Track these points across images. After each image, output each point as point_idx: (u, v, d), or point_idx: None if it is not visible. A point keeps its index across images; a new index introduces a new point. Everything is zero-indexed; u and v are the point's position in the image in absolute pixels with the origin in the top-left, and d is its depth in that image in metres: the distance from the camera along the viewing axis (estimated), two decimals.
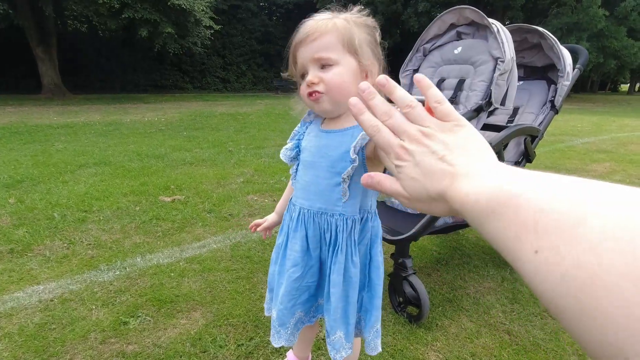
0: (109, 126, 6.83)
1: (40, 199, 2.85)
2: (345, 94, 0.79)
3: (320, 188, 0.87)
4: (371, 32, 0.81)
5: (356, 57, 0.78)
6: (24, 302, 1.61)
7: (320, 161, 0.86)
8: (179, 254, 2.08)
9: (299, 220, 0.90)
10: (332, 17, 0.80)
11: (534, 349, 1.41)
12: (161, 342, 1.39)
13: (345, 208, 0.86)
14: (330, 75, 0.78)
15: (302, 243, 0.89)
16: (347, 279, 0.88)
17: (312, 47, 0.78)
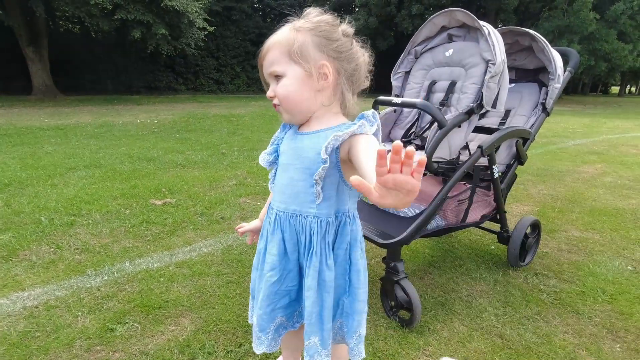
0: (100, 128, 6.76)
1: (27, 203, 2.79)
2: (295, 102, 0.82)
3: (295, 190, 0.86)
4: (320, 31, 0.79)
5: (299, 64, 0.78)
6: (7, 310, 1.57)
7: (295, 163, 0.86)
8: (168, 259, 2.05)
9: (276, 223, 0.90)
10: (282, 31, 0.81)
11: (526, 353, 1.40)
12: (148, 350, 1.36)
13: (320, 210, 0.85)
14: (279, 87, 0.81)
15: (279, 246, 0.89)
16: (321, 283, 0.87)
17: (265, 64, 0.82)
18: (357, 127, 0.77)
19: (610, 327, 1.57)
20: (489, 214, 1.98)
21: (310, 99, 0.81)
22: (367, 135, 0.78)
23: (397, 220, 1.65)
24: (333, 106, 0.85)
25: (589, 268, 2.06)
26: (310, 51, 0.78)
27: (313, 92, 0.81)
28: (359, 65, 0.83)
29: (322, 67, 0.79)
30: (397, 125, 1.99)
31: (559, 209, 2.99)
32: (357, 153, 0.76)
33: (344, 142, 0.78)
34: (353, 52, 0.82)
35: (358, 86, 0.86)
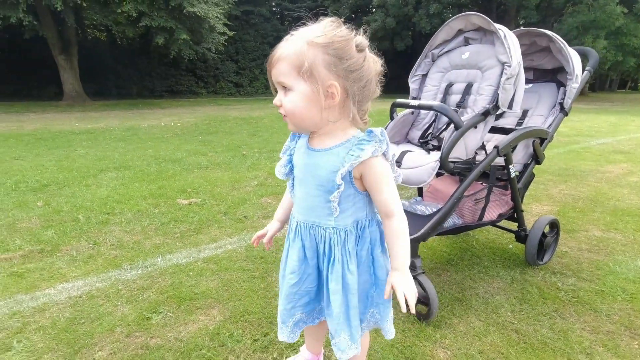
0: (127, 131, 7.05)
1: (65, 202, 2.99)
2: (301, 119, 0.84)
3: (312, 204, 0.93)
4: (333, 49, 0.78)
5: (309, 82, 0.78)
6: (55, 299, 1.72)
7: (309, 179, 0.91)
8: (196, 254, 2.17)
9: (297, 232, 0.98)
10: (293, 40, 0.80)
11: (541, 347, 1.44)
12: (182, 337, 1.47)
13: (338, 222, 0.92)
14: (286, 101, 0.82)
15: (299, 253, 0.97)
16: (345, 286, 0.94)
17: (274, 72, 0.82)
18: (370, 152, 0.82)
19: (629, 325, 1.58)
20: (506, 213, 2.01)
21: (316, 116, 0.83)
22: (377, 158, 0.84)
23: (414, 219, 1.71)
24: (341, 121, 0.86)
25: (609, 267, 2.05)
26: (320, 71, 0.78)
27: (319, 109, 0.82)
28: (369, 80, 0.83)
29: (330, 87, 0.79)
30: (414, 127, 2.05)
31: (579, 209, 2.96)
32: (368, 181, 0.87)
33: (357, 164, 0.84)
34: (363, 70, 0.82)
35: (368, 98, 0.86)
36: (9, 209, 2.82)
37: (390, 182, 0.88)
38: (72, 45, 13.41)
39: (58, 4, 10.43)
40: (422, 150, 1.81)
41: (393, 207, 0.88)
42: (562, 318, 1.62)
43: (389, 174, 0.88)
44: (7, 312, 1.61)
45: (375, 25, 19.91)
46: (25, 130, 6.96)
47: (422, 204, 1.97)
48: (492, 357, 1.39)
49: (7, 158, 4.59)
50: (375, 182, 0.86)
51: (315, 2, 23.85)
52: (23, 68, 15.82)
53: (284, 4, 24.12)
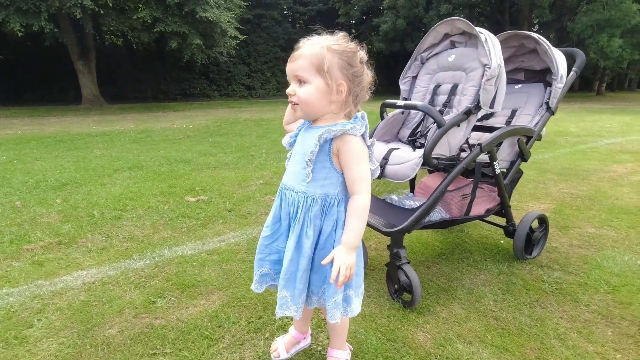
0: (141, 134, 7.32)
1: (82, 199, 3.19)
2: (312, 106, 1.01)
3: (295, 169, 1.09)
4: (346, 56, 0.98)
5: (324, 78, 0.97)
6: (71, 284, 1.89)
7: (299, 150, 1.08)
8: (201, 247, 2.32)
9: (278, 193, 1.14)
10: (314, 44, 0.99)
11: (517, 333, 1.52)
12: (183, 318, 1.61)
13: (308, 188, 1.06)
14: (301, 91, 0.99)
15: (275, 212, 1.13)
16: (299, 247, 1.08)
17: (293, 67, 0.99)
18: (349, 128, 0.99)
19: (606, 315, 1.65)
20: (493, 208, 2.09)
21: (324, 106, 1.01)
22: (355, 137, 1.00)
23: (400, 212, 1.82)
24: (340, 113, 1.04)
25: (597, 262, 2.11)
26: (335, 71, 0.97)
27: (327, 101, 1.00)
28: (365, 86, 1.04)
29: (340, 85, 0.98)
30: (405, 126, 2.16)
31: (576, 207, 3.00)
32: (343, 156, 1.02)
33: (337, 138, 1.00)
34: (363, 77, 1.02)
35: (361, 100, 1.06)
36: (31, 205, 3.03)
37: (363, 163, 1.01)
38: (90, 51, 13.89)
39: (77, 12, 10.84)
40: (409, 148, 1.92)
41: (360, 186, 1.01)
42: (542, 307, 1.70)
43: (363, 155, 1.01)
44: (29, 295, 1.78)
45: (385, 26, 19.94)
46: (46, 133, 7.30)
47: (412, 199, 2.07)
48: (469, 340, 1.48)
49: (29, 159, 4.86)
50: (348, 158, 1.01)
51: (327, 5, 24.03)
52: (44, 74, 16.45)
53: (295, 7, 24.37)
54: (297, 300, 1.10)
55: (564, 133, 7.18)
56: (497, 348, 1.43)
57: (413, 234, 2.44)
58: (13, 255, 2.19)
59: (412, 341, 1.47)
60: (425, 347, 1.44)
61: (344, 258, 1.00)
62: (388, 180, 1.78)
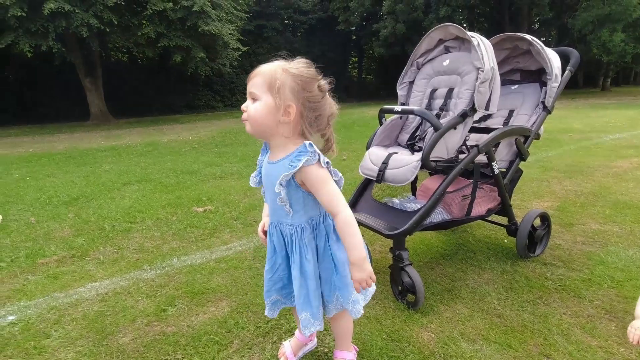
0: (148, 147, 7.46)
1: (93, 213, 3.28)
2: (259, 124, 1.02)
3: (274, 207, 1.13)
4: (300, 80, 0.99)
5: (273, 97, 0.98)
6: (85, 295, 1.95)
7: (269, 187, 1.11)
8: (209, 256, 2.38)
9: (269, 230, 1.19)
10: (272, 65, 1.01)
11: (521, 330, 1.55)
12: (194, 325, 1.66)
13: (294, 220, 1.11)
14: (251, 107, 1.02)
15: (270, 247, 1.19)
16: (303, 273, 1.13)
17: (249, 84, 1.03)
18: (302, 163, 0.98)
19: (610, 310, 1.66)
20: (494, 208, 2.12)
21: (271, 126, 1.01)
22: (311, 166, 1.00)
23: (401, 214, 1.86)
24: (293, 137, 1.04)
25: (600, 257, 2.12)
26: (286, 91, 0.98)
27: (275, 121, 1.00)
28: (322, 115, 1.04)
29: (289, 107, 0.99)
30: (403, 130, 2.20)
31: (580, 204, 3.01)
32: (309, 186, 1.04)
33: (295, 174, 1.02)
34: (320, 105, 1.03)
35: (319, 130, 1.06)
36: (45, 221, 3.12)
37: (327, 185, 1.02)
38: (97, 68, 14.22)
39: (84, 31, 11.14)
40: (408, 152, 1.96)
41: (334, 207, 1.03)
42: (546, 304, 1.72)
43: (324, 178, 1.02)
44: (45, 307, 1.85)
45: (385, 32, 20.09)
46: (56, 150, 7.48)
47: (413, 202, 2.11)
48: (472, 338, 1.51)
49: (41, 175, 4.99)
50: (313, 187, 1.03)
51: (326, 13, 24.29)
52: (52, 92, 16.84)
53: (296, 16, 24.68)
54: (318, 316, 1.16)
55: (567, 130, 7.16)
56: (501, 345, 1.46)
57: (416, 236, 2.48)
58: (29, 269, 2.27)
59: (416, 341, 1.50)
60: (429, 346, 1.47)
61: (359, 275, 1.05)
62: (388, 184, 1.83)
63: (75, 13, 10.70)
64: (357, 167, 2.02)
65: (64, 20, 10.74)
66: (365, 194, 2.08)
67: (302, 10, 24.49)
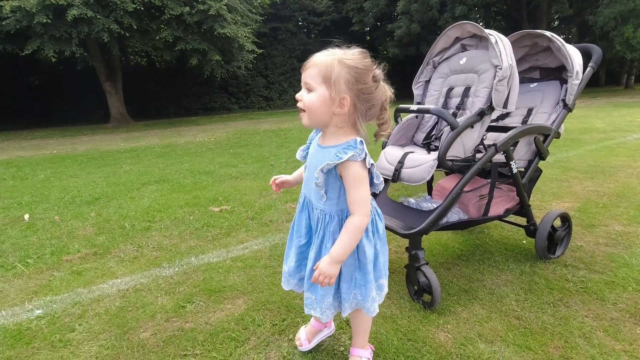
0: (166, 148, 7.61)
1: (114, 213, 3.37)
2: (314, 114, 1.04)
3: (310, 187, 1.15)
4: (355, 72, 0.99)
5: (328, 89, 1.00)
6: (107, 292, 2.01)
7: (311, 168, 1.14)
8: (225, 254, 2.42)
9: (303, 205, 1.20)
10: (329, 55, 1.02)
11: (540, 332, 1.52)
12: (211, 321, 1.69)
13: (325, 206, 1.13)
14: (307, 97, 1.04)
15: (306, 222, 1.20)
16: (318, 258, 1.14)
17: (304, 74, 1.04)
18: (348, 157, 1.01)
19: (635, 313, 1.61)
20: (512, 208, 2.09)
21: (326, 116, 1.04)
22: (355, 162, 1.02)
23: (417, 214, 1.85)
24: (346, 128, 1.06)
25: (625, 260, 2.06)
26: (341, 84, 0.99)
27: (330, 112, 1.03)
28: (375, 105, 1.04)
29: (343, 99, 1.00)
30: (419, 130, 2.19)
31: (603, 205, 2.92)
32: (344, 180, 1.06)
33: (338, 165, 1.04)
34: (373, 96, 1.02)
35: (373, 117, 1.07)
36: (68, 220, 3.23)
37: (361, 186, 1.05)
38: (116, 72, 14.61)
39: (105, 36, 11.47)
40: (424, 151, 1.95)
41: (355, 207, 1.06)
42: (567, 306, 1.68)
43: (362, 179, 1.04)
44: (69, 302, 1.91)
45: (400, 32, 19.95)
46: (78, 152, 7.72)
47: (429, 201, 2.09)
48: (490, 339, 1.49)
49: (64, 177, 5.16)
50: (348, 182, 1.05)
51: (340, 14, 24.29)
52: (74, 95, 17.39)
53: (310, 17, 24.76)
54: (321, 304, 1.17)
55: (589, 130, 6.95)
56: (520, 347, 1.43)
57: (432, 236, 2.46)
58: (54, 265, 2.35)
59: (432, 341, 1.49)
60: (446, 346, 1.46)
61: (325, 268, 1.07)
62: (404, 183, 1.82)
63: (97, 19, 11.02)
64: None
65: (86, 26, 11.08)
66: (381, 193, 2.07)
67: (316, 12, 24.55)
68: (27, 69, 16.51)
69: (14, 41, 11.25)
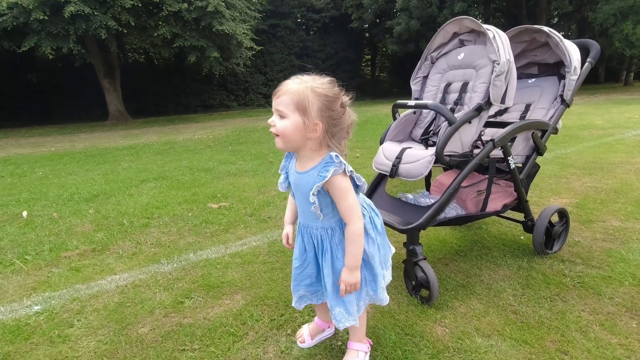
0: (165, 145, 7.60)
1: (112, 209, 3.37)
2: (288, 139, 1.08)
3: (304, 211, 1.21)
4: (326, 100, 1.05)
5: (302, 116, 1.04)
6: (106, 288, 2.02)
7: (299, 194, 1.20)
8: (224, 251, 2.42)
9: (299, 230, 1.26)
10: (300, 83, 1.06)
11: (537, 326, 1.52)
12: (210, 317, 1.70)
13: (324, 223, 1.18)
14: (280, 124, 1.07)
15: (300, 246, 1.26)
16: (335, 271, 1.20)
17: (277, 101, 1.07)
18: (330, 173, 1.06)
19: (631, 307, 1.62)
20: (510, 204, 2.09)
21: (300, 141, 1.08)
22: (337, 176, 1.08)
23: (415, 209, 1.85)
24: (319, 150, 1.11)
25: (622, 255, 2.06)
26: (313, 111, 1.04)
27: (304, 137, 1.07)
28: (343, 128, 1.11)
29: (315, 125, 1.05)
30: (417, 125, 2.19)
31: (600, 201, 2.93)
32: (331, 194, 1.12)
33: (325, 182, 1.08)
34: (342, 120, 1.09)
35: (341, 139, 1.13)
36: (67, 217, 3.23)
37: (348, 196, 1.11)
38: (115, 69, 14.55)
39: (103, 33, 11.41)
40: (422, 146, 1.95)
41: (348, 216, 1.12)
42: (563, 301, 1.69)
43: (346, 189, 1.10)
44: (68, 298, 1.92)
45: (399, 28, 19.87)
46: (77, 149, 7.70)
47: (427, 197, 2.10)
48: (487, 333, 1.50)
49: (63, 174, 5.15)
50: (335, 196, 1.12)
51: (339, 11, 24.19)
52: (72, 93, 17.32)
53: (309, 14, 24.65)
54: (351, 311, 1.22)
55: (588, 126, 6.96)
56: (516, 341, 1.44)
57: (430, 232, 2.47)
58: (53, 262, 2.35)
59: (430, 335, 1.50)
60: (443, 340, 1.47)
61: (348, 279, 1.15)
62: (402, 179, 1.82)
63: (94, 15, 10.97)
64: (371, 164, 2.02)
65: (84, 22, 11.03)
66: (379, 189, 2.07)
67: (315, 8, 24.45)
68: (25, 66, 16.42)
69: (11, 38, 11.20)
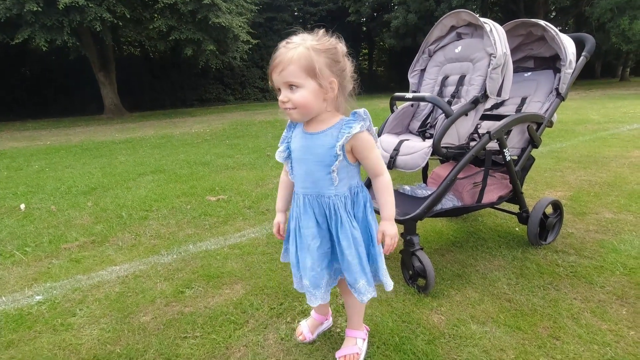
0: (161, 139, 7.58)
1: (110, 202, 3.38)
2: (309, 108, 1.05)
3: (315, 178, 1.14)
4: (331, 54, 1.02)
5: (316, 80, 1.01)
6: (107, 278, 2.04)
7: (309, 157, 1.13)
8: (223, 242, 2.44)
9: (305, 204, 1.18)
10: (297, 47, 1.00)
11: (531, 313, 1.57)
12: (210, 306, 1.73)
13: (337, 190, 1.14)
14: (296, 96, 1.03)
15: (313, 220, 1.17)
16: (354, 241, 1.16)
17: (282, 76, 1.02)
18: (358, 128, 1.05)
19: (622, 295, 1.66)
20: (506, 196, 2.13)
21: (320, 105, 1.06)
22: (363, 132, 1.07)
23: (412, 200, 1.88)
24: (333, 110, 1.10)
25: (613, 245, 2.11)
26: (325, 71, 1.01)
27: (322, 100, 1.05)
28: (348, 77, 1.09)
29: (332, 83, 1.03)
30: (415, 118, 2.21)
31: (594, 193, 2.98)
32: (358, 151, 1.11)
33: (350, 138, 1.07)
34: (347, 69, 1.07)
35: (347, 91, 1.11)
36: (65, 209, 3.23)
37: (375, 150, 1.12)
38: (110, 62, 14.41)
39: (97, 25, 11.29)
40: (419, 138, 1.98)
41: (380, 168, 1.14)
42: (556, 289, 1.73)
43: (373, 144, 1.11)
44: (70, 288, 1.94)
45: (396, 22, 19.81)
46: (73, 143, 7.66)
47: (424, 188, 2.13)
48: (482, 320, 1.54)
49: (59, 167, 5.14)
50: (364, 151, 1.10)
51: (336, 4, 24.05)
52: (67, 86, 17.16)
53: (306, 7, 24.49)
54: (372, 282, 1.21)
55: (583, 121, 7.01)
56: (510, 327, 1.48)
57: (427, 223, 2.50)
58: (53, 253, 2.37)
59: (426, 322, 1.54)
60: (439, 327, 1.51)
61: (390, 230, 1.16)
62: (400, 170, 1.85)
63: (89, 7, 10.84)
64: None
65: (78, 14, 10.90)
66: None
67: (312, 1, 24.29)
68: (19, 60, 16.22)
69: (4, 30, 11.05)
